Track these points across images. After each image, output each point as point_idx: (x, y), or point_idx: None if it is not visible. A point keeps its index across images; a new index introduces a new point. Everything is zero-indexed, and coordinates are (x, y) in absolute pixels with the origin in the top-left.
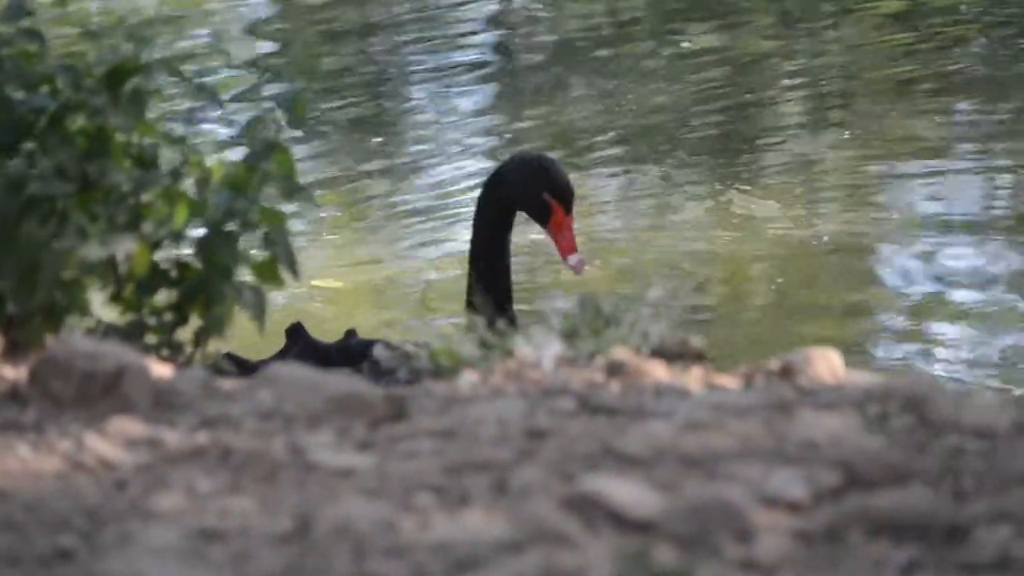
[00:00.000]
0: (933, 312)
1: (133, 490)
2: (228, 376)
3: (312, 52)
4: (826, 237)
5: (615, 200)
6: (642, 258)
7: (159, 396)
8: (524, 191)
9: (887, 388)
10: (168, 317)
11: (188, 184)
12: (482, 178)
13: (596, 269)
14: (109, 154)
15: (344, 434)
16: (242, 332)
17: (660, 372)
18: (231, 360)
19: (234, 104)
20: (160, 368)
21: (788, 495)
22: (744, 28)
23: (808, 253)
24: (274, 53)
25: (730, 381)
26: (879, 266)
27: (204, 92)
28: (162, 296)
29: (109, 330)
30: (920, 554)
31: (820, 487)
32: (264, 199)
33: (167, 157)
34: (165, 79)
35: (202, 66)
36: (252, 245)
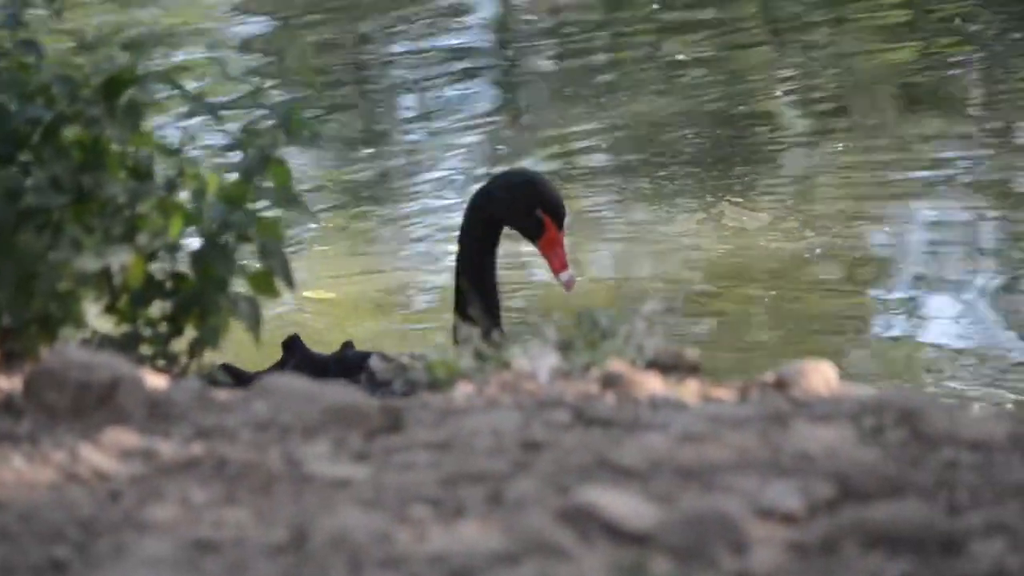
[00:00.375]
0: (927, 324)
1: (127, 501)
2: (223, 387)
3: (305, 63)
4: (818, 249)
5: (606, 212)
6: (633, 271)
7: (154, 407)
8: (514, 208)
9: (882, 400)
10: (163, 328)
11: (184, 195)
12: (473, 188)
13: (586, 282)
14: (105, 165)
15: (340, 445)
16: (239, 345)
17: (655, 384)
18: (227, 371)
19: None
20: (155, 379)
21: (783, 507)
22: (738, 40)
23: (800, 265)
24: (269, 64)
25: (725, 393)
26: (871, 278)
27: (200, 104)
28: (157, 307)
29: (104, 341)
30: (915, 567)
31: (815, 499)
32: (260, 210)
33: (162, 168)
34: (161, 90)
35: (199, 77)
36: (248, 256)
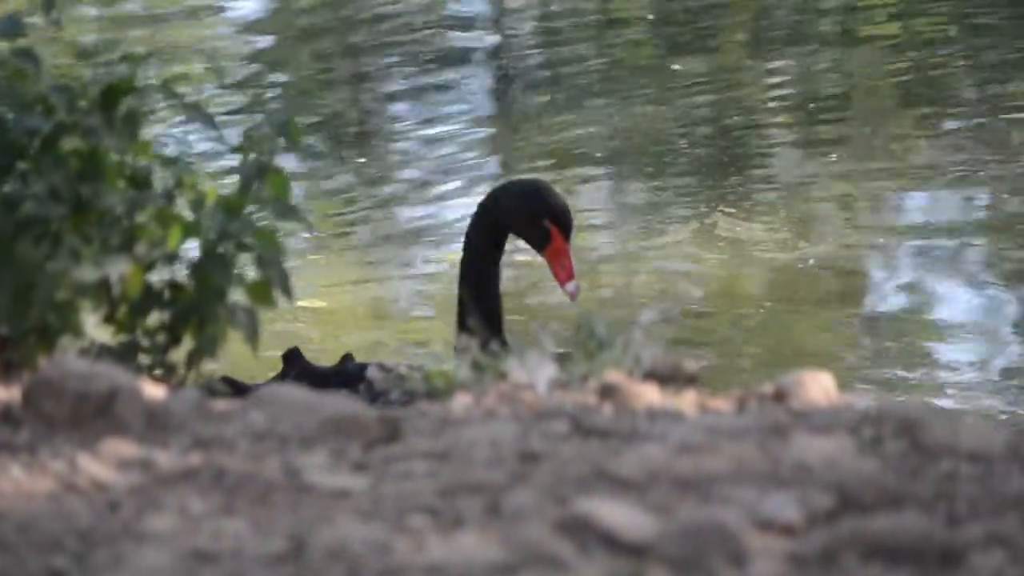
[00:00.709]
0: (922, 334)
1: (126, 511)
2: (222, 397)
3: (302, 72)
4: (812, 260)
5: (600, 221)
6: (627, 281)
7: (152, 417)
8: (521, 216)
9: (881, 411)
10: (161, 338)
11: (182, 205)
12: (468, 198)
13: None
14: (103, 176)
15: (338, 455)
16: (240, 357)
17: (653, 395)
18: (227, 383)
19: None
20: (153, 389)
21: (782, 518)
22: (732, 50)
23: (794, 275)
24: (266, 73)
25: (723, 404)
26: (866, 288)
27: (199, 113)
28: (155, 317)
29: (102, 351)
30: None
31: (814, 510)
32: (258, 220)
33: (161, 178)
34: (160, 100)
35: (197, 87)
36: (246, 266)
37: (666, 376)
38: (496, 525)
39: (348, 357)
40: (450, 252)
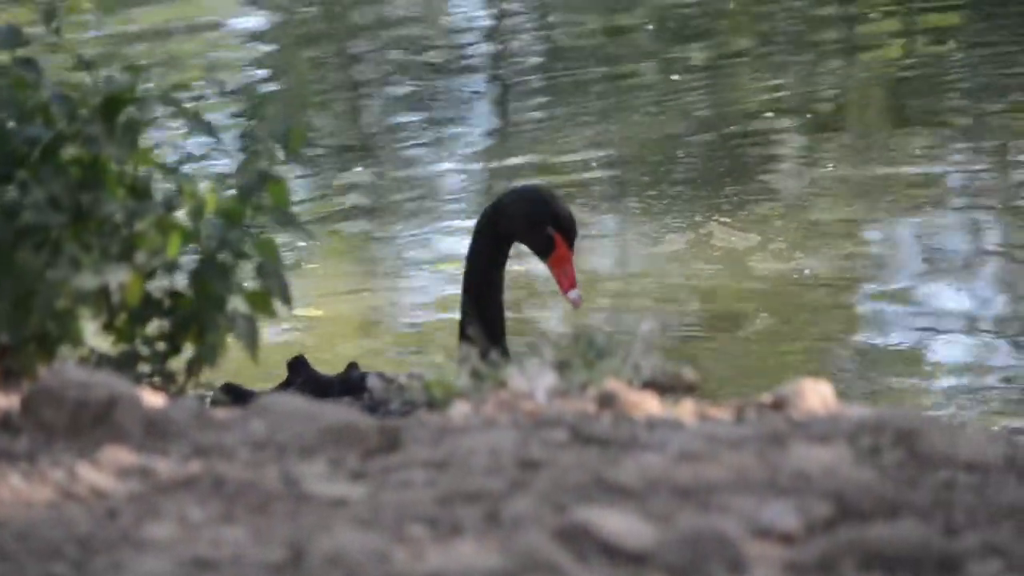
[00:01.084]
0: (919, 344)
1: (125, 519)
2: (222, 405)
3: (301, 80)
4: (807, 270)
5: (595, 231)
6: (622, 290)
7: (151, 425)
8: (526, 223)
9: (879, 420)
10: (161, 346)
11: (182, 214)
12: (466, 207)
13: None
14: (103, 184)
15: (337, 464)
16: (242, 364)
17: (652, 404)
18: (230, 390)
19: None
20: (152, 397)
21: (781, 527)
22: (732, 61)
23: (791, 285)
24: (266, 81)
25: (722, 413)
26: (862, 299)
27: (199, 122)
28: (155, 326)
29: (102, 359)
30: None
31: (812, 519)
32: (258, 229)
33: (161, 187)
34: (160, 109)
35: (197, 96)
36: (245, 275)
37: (665, 385)
38: (495, 533)
39: (352, 366)
40: (447, 261)
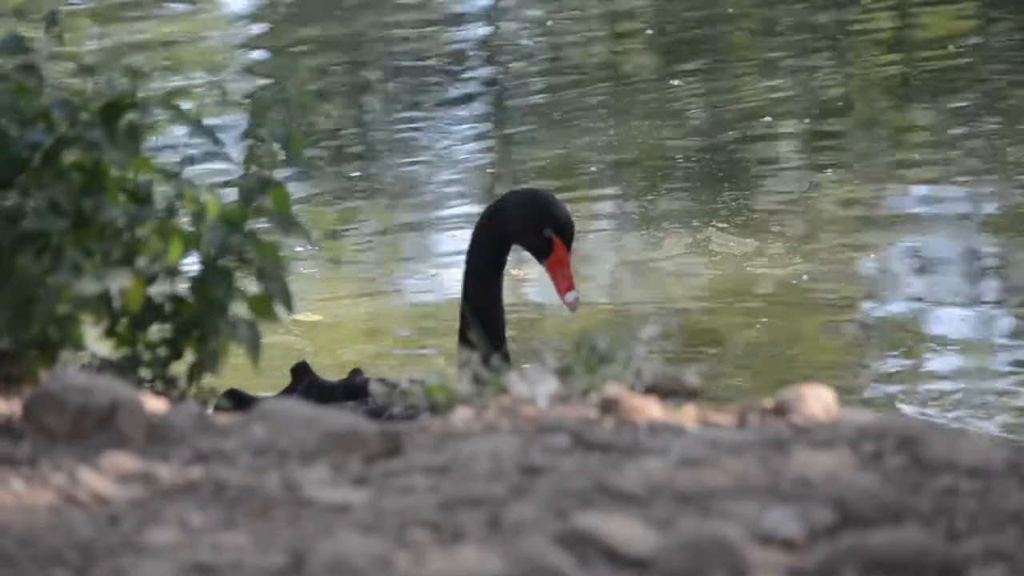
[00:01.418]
0: (918, 349)
1: (126, 525)
2: (223, 411)
3: (302, 85)
4: (805, 276)
5: (593, 235)
6: (620, 295)
7: (153, 430)
8: (524, 226)
9: (881, 427)
10: (162, 352)
11: (183, 219)
12: (465, 212)
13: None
14: (104, 189)
15: (339, 470)
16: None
17: (654, 409)
18: (233, 396)
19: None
20: (154, 402)
21: (783, 533)
22: (731, 65)
23: (789, 291)
24: (267, 87)
25: (724, 418)
26: (860, 304)
27: (201, 128)
28: (156, 331)
29: (103, 365)
30: None
31: (815, 525)
32: (259, 234)
33: (162, 192)
34: (161, 114)
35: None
36: (247, 280)
37: (667, 390)
38: (497, 539)
39: (356, 372)
40: (446, 266)
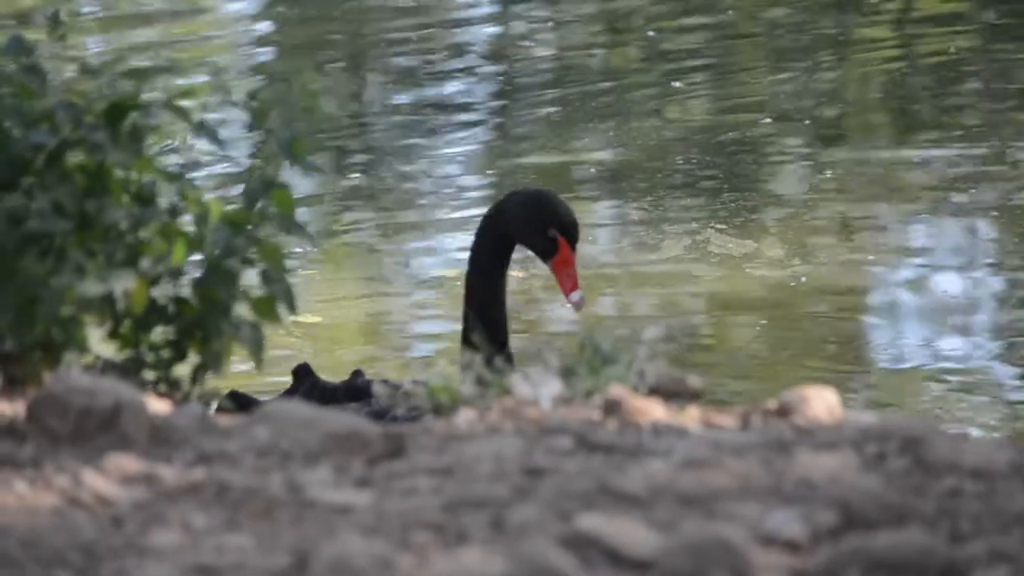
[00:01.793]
0: (920, 351)
1: (130, 526)
2: (226, 412)
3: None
4: (804, 277)
5: (592, 237)
6: (619, 298)
7: (156, 432)
8: (528, 226)
9: (885, 428)
10: (166, 353)
11: (187, 220)
12: (467, 214)
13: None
14: (108, 191)
15: (342, 471)
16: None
17: (657, 411)
18: (235, 398)
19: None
20: (157, 404)
21: (786, 534)
22: (730, 68)
23: (787, 292)
24: (269, 88)
25: (727, 420)
26: (860, 305)
27: (204, 130)
28: (160, 332)
29: (107, 366)
30: None
31: (818, 527)
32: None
33: (165, 194)
34: (165, 116)
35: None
36: (250, 281)
37: (670, 392)
38: (500, 541)
39: (358, 373)
40: (447, 267)
